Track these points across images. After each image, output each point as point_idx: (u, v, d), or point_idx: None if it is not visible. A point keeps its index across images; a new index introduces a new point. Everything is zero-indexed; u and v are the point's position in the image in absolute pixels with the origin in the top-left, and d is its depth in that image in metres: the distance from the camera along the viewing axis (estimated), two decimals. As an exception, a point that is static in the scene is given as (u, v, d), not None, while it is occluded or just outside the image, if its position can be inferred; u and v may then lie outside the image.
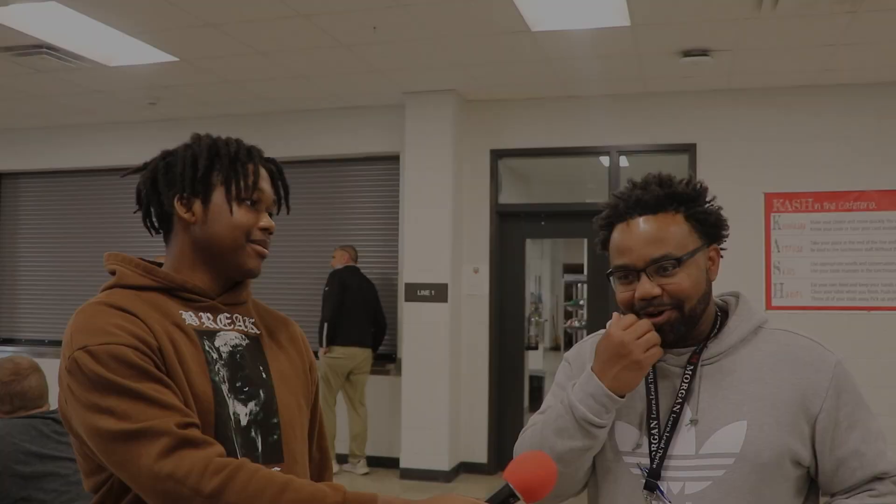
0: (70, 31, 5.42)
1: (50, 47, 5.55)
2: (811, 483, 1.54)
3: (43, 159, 8.29)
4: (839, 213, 6.21)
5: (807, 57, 5.63)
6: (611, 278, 1.58)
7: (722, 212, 1.58)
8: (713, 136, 6.46)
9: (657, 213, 1.52)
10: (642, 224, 1.52)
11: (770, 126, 6.35)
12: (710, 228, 1.54)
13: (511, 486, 1.35)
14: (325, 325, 6.72)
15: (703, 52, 5.55)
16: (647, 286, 1.48)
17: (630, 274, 1.52)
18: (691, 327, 1.51)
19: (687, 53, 5.58)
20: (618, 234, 1.55)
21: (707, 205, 1.55)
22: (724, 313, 1.61)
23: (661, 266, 1.49)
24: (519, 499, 1.35)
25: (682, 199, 1.53)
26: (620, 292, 1.54)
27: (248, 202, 1.51)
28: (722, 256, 1.59)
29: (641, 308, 1.50)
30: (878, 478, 1.49)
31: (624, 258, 1.52)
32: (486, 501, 1.33)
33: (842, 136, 6.22)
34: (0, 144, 8.41)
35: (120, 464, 1.27)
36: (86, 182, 8.29)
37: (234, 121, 7.48)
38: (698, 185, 1.56)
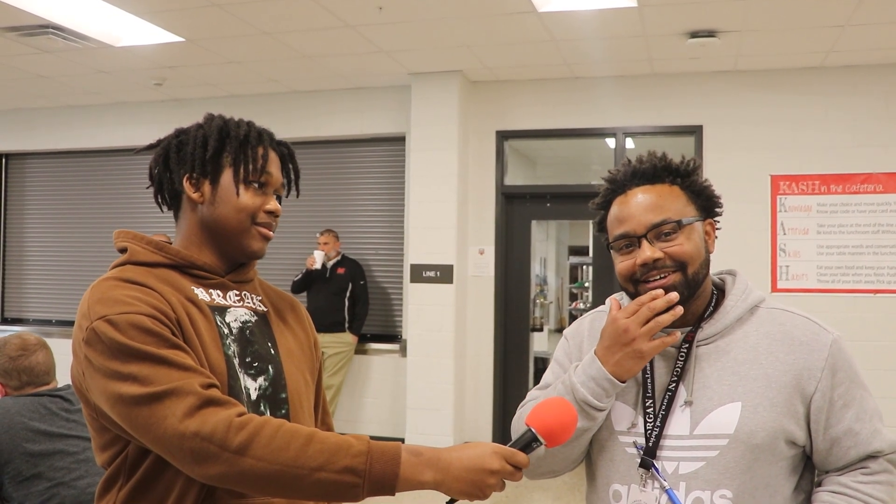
0: (76, 11, 5.43)
1: (56, 27, 5.55)
2: (806, 461, 1.55)
3: (49, 140, 8.30)
4: (846, 195, 6.19)
5: (814, 38, 5.60)
6: (611, 251, 1.59)
7: (714, 189, 1.62)
8: (720, 117, 6.43)
9: (654, 184, 1.56)
10: (640, 194, 1.55)
11: (777, 108, 6.32)
12: (705, 202, 1.58)
13: (534, 430, 1.37)
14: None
15: (711, 34, 5.52)
16: (647, 251, 1.50)
17: (631, 242, 1.53)
18: (691, 292, 1.52)
19: (694, 34, 5.55)
20: (616, 207, 1.58)
21: (701, 181, 1.60)
22: (720, 292, 1.62)
23: (661, 231, 1.51)
24: (542, 443, 1.38)
25: (678, 171, 1.57)
26: (620, 262, 1.55)
27: (256, 185, 1.52)
28: (718, 230, 1.63)
29: (642, 274, 1.52)
30: (872, 456, 1.49)
31: (624, 226, 1.54)
32: (510, 446, 1.36)
33: (849, 118, 6.19)
34: (6, 125, 8.43)
35: (144, 427, 1.28)
36: (92, 162, 8.30)
37: (240, 101, 7.48)
38: (692, 162, 1.60)
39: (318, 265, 6.79)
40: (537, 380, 7.41)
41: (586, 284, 11.63)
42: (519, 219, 7.11)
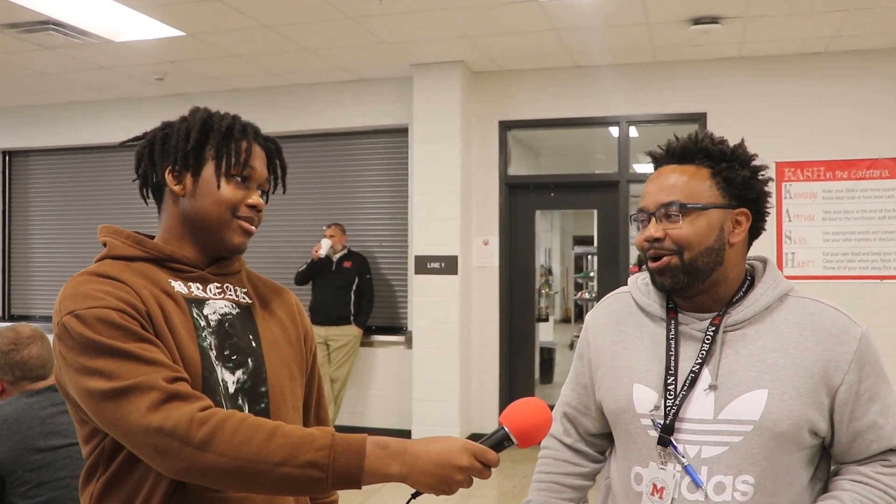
0: (75, 6, 5.41)
1: (56, 23, 5.53)
2: (823, 452, 1.55)
3: (51, 137, 8.30)
4: (851, 181, 6.17)
5: (819, 23, 5.56)
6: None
7: (759, 181, 1.57)
8: (723, 104, 6.40)
9: (683, 164, 1.56)
10: (667, 173, 1.57)
11: (781, 94, 6.29)
12: (738, 190, 1.54)
13: (507, 429, 1.36)
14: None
15: (714, 20, 5.49)
16: (651, 228, 1.54)
17: (643, 217, 1.56)
18: (692, 278, 1.52)
19: (697, 21, 5.52)
20: (647, 182, 1.60)
21: (741, 167, 1.55)
22: (750, 278, 1.61)
23: (668, 212, 1.52)
24: (514, 443, 1.36)
25: (711, 154, 1.55)
26: (637, 234, 1.59)
27: (238, 178, 1.51)
28: (763, 228, 1.60)
29: (647, 249, 1.55)
30: (893, 450, 1.50)
31: (643, 202, 1.58)
32: (481, 443, 1.34)
33: (854, 104, 6.16)
34: (9, 122, 8.43)
35: (111, 422, 1.29)
36: (95, 158, 8.30)
37: (242, 95, 7.47)
38: (737, 149, 1.57)
39: (323, 252, 6.77)
40: (543, 370, 7.39)
41: (591, 274, 11.62)
42: (523, 209, 7.10)
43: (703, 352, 1.52)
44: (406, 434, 6.82)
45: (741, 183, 1.54)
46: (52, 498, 2.34)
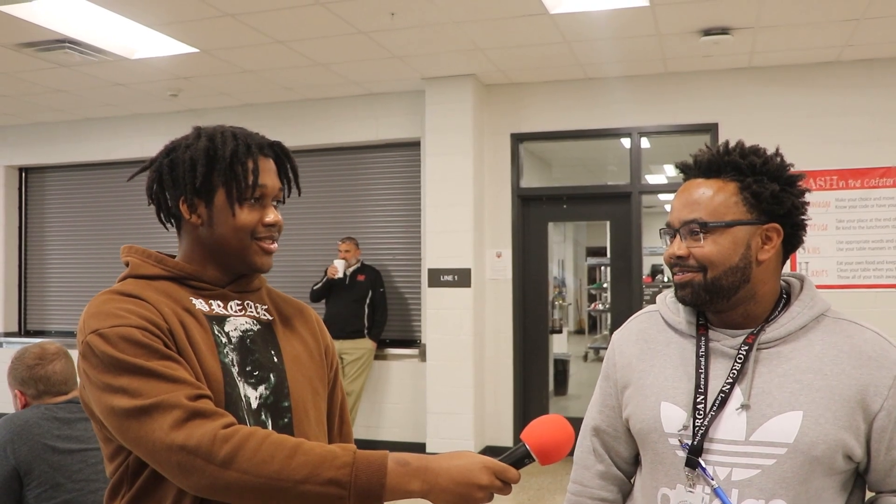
0: (91, 24, 5.48)
1: (72, 42, 5.60)
2: (857, 478, 1.49)
3: (67, 153, 8.38)
4: (864, 190, 6.14)
5: (829, 33, 5.56)
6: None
7: (791, 194, 1.53)
8: (735, 115, 6.40)
9: (710, 178, 1.52)
10: (692, 187, 1.52)
11: (792, 104, 6.28)
12: (767, 205, 1.49)
13: (527, 446, 1.35)
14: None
15: (724, 31, 5.49)
16: (674, 246, 1.50)
17: (669, 232, 1.53)
18: (715, 296, 1.48)
19: (707, 32, 5.53)
20: (676, 195, 1.56)
21: (771, 180, 1.51)
22: (787, 296, 1.55)
23: (690, 229, 1.48)
24: (534, 460, 1.35)
25: (739, 168, 1.50)
26: (665, 249, 1.56)
27: (252, 200, 1.50)
28: (802, 241, 1.57)
29: (672, 265, 1.52)
30: None
31: (669, 217, 1.54)
32: (501, 461, 1.33)
33: (866, 112, 6.14)
34: (24, 139, 8.52)
35: (135, 440, 1.30)
36: (110, 174, 8.36)
37: (255, 110, 7.52)
38: (768, 161, 1.53)
39: (340, 274, 6.82)
40: (557, 381, 7.38)
41: (604, 285, 11.60)
42: (535, 221, 7.10)
43: (735, 370, 1.46)
44: (420, 447, 6.81)
45: (770, 197, 1.49)
46: (67, 500, 2.38)
